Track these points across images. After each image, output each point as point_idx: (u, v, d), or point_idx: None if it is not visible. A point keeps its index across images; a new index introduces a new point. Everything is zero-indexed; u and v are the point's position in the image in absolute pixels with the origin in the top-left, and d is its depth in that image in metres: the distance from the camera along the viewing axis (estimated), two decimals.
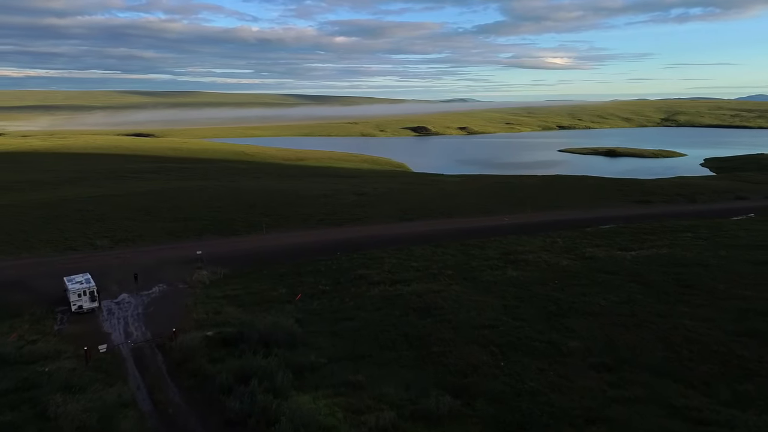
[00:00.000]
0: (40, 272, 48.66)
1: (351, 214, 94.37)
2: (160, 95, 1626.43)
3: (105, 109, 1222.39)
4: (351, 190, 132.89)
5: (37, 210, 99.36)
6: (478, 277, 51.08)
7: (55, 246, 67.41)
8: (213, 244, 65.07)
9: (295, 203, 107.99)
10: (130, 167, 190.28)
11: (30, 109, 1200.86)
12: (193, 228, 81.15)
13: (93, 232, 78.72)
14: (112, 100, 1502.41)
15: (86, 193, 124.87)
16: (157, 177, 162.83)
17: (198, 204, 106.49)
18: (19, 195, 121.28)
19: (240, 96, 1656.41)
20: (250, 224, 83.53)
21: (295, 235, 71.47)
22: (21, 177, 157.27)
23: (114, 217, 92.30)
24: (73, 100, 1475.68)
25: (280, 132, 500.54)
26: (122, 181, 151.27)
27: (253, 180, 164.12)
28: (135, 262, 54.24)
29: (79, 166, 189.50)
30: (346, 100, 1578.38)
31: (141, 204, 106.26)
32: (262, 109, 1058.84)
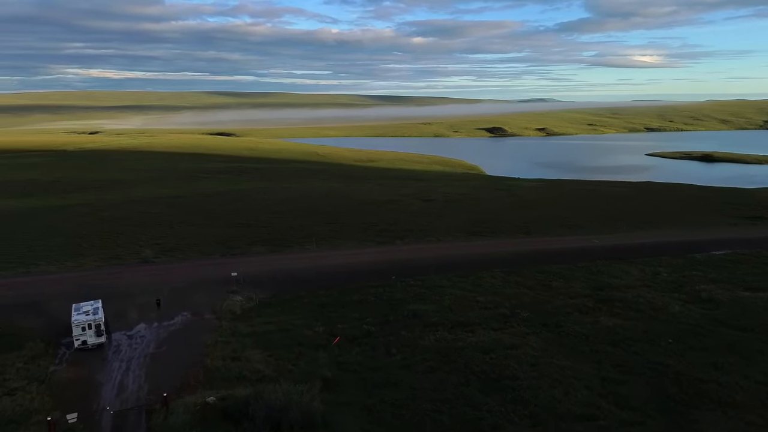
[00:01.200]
0: (66, 290, 44.16)
1: (414, 224, 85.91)
2: (243, 96, 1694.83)
3: (193, 109, 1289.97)
4: (418, 195, 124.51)
5: (105, 211, 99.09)
6: (562, 325, 40.39)
7: (103, 254, 64.10)
8: (259, 260, 58.67)
9: (358, 209, 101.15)
10: (205, 167, 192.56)
11: (126, 108, 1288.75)
12: (247, 237, 76.05)
13: (147, 238, 75.50)
14: (200, 100, 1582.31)
15: (157, 194, 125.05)
16: (228, 177, 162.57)
17: (259, 208, 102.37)
18: (95, 194, 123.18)
19: (318, 97, 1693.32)
20: (306, 234, 77.25)
21: (349, 252, 63.44)
22: (103, 175, 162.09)
23: (173, 220, 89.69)
24: (165, 100, 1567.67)
25: (353, 132, 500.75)
26: (194, 181, 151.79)
27: (321, 181, 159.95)
28: (169, 280, 48.77)
29: (159, 165, 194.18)
30: (421, 100, 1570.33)
31: (204, 207, 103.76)
32: (338, 110, 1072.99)
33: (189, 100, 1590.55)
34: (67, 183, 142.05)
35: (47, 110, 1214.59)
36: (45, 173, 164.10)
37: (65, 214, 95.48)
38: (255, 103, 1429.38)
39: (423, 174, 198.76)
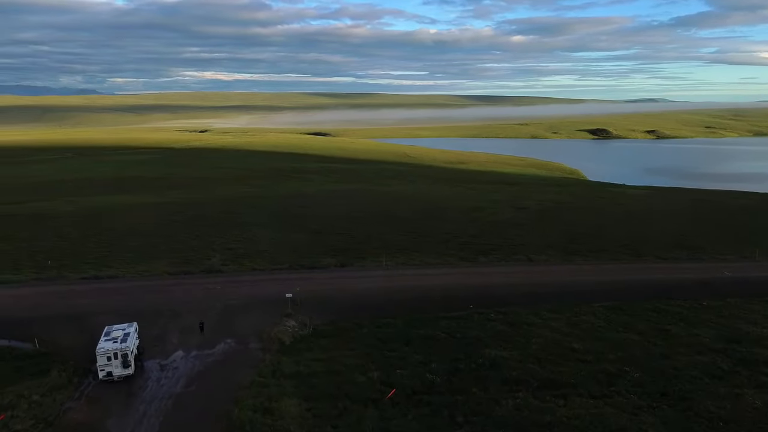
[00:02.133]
0: (119, 303, 41.28)
1: (502, 237, 77.20)
2: (341, 97, 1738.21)
3: (294, 110, 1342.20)
4: (510, 201, 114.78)
5: (192, 210, 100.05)
6: (690, 398, 30.35)
7: (174, 258, 62.42)
8: (325, 276, 53.10)
9: (441, 217, 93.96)
10: (295, 166, 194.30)
11: (234, 108, 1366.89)
12: (320, 245, 71.78)
13: (222, 241, 73.65)
14: (300, 101, 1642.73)
15: (244, 193, 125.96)
16: (316, 178, 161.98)
17: (339, 213, 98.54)
18: (187, 192, 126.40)
19: (413, 97, 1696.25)
20: (382, 245, 71.48)
21: (424, 270, 56.28)
22: (200, 173, 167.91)
23: (252, 222, 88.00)
24: (269, 101, 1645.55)
25: (446, 133, 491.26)
26: (282, 180, 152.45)
27: (407, 184, 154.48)
28: (225, 296, 44.79)
29: (253, 164, 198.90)
30: (519, 100, 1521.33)
31: (285, 209, 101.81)
32: (432, 110, 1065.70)
33: (291, 100, 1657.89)
34: (168, 180, 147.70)
35: (166, 110, 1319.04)
36: (150, 170, 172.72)
37: (155, 213, 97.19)
38: (352, 104, 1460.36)
39: (516, 177, 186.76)
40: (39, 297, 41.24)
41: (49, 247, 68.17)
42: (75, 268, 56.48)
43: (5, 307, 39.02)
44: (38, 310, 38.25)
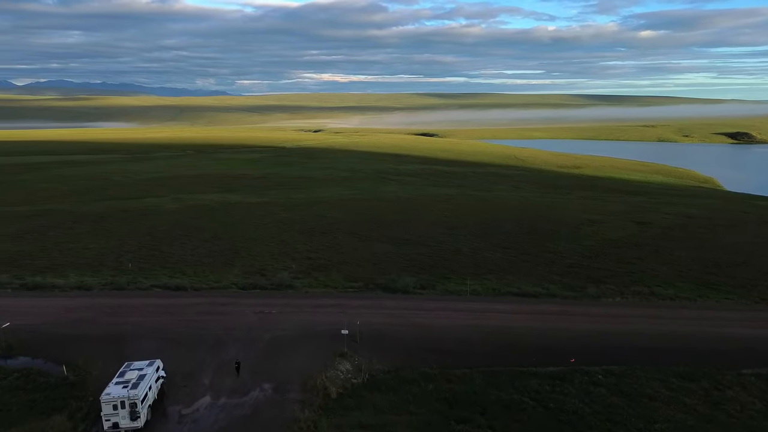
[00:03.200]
0: (166, 324, 37.58)
1: (618, 260, 65.79)
2: (453, 97, 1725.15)
3: (404, 110, 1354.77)
4: (630, 215, 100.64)
5: (286, 212, 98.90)
6: None
7: (250, 267, 59.75)
8: (396, 304, 45.94)
9: (547, 231, 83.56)
10: (397, 168, 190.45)
11: (348, 109, 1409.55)
12: (404, 258, 65.74)
13: (304, 249, 70.36)
14: (412, 101, 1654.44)
15: (340, 195, 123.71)
16: (415, 180, 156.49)
17: (433, 221, 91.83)
18: (286, 193, 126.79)
19: (527, 97, 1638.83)
20: (474, 263, 63.78)
21: (518, 305, 47.22)
22: (303, 173, 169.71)
23: (341, 228, 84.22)
24: (381, 102, 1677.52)
25: (561, 134, 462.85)
26: (381, 183, 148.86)
27: (512, 190, 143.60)
28: (278, 322, 39.38)
29: (356, 165, 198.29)
30: (644, 100, 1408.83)
31: (378, 214, 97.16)
32: (547, 110, 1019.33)
33: (402, 101, 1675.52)
34: (271, 180, 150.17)
35: (286, 110, 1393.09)
36: (256, 168, 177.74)
37: (250, 213, 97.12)
38: (463, 104, 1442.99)
39: (639, 186, 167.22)
40: (90, 310, 39.46)
41: (137, 247, 68.82)
42: (150, 273, 55.42)
43: (53, 321, 37.44)
44: (82, 327, 36.16)
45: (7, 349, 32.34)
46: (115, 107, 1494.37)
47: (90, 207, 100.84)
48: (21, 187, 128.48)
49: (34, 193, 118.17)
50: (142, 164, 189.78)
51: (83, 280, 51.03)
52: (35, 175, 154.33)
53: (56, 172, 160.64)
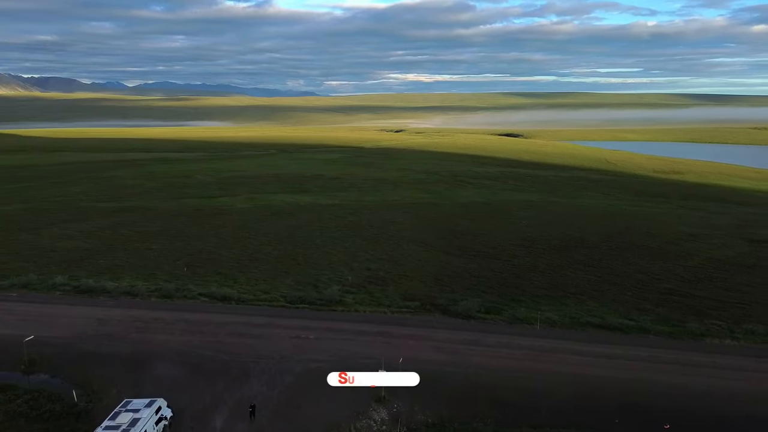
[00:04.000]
0: (190, 346, 34.34)
1: (726, 287, 55.88)
2: (540, 96, 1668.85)
3: (488, 110, 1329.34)
4: (739, 229, 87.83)
5: (353, 215, 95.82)
6: None
7: (302, 277, 56.47)
8: (450, 336, 39.97)
9: (639, 247, 73.92)
10: (475, 170, 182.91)
11: (431, 109, 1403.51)
12: (470, 274, 59.89)
13: (363, 258, 66.33)
14: (496, 101, 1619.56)
15: (413, 198, 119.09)
16: (494, 185, 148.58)
17: (509, 231, 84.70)
18: (358, 194, 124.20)
19: (622, 96, 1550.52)
20: (551, 284, 56.76)
21: (599, 347, 39.00)
22: (377, 174, 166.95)
23: (407, 236, 79.51)
24: (465, 101, 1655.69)
25: (659, 136, 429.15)
26: (457, 186, 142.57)
27: (601, 197, 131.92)
28: (312, 350, 34.46)
29: (433, 166, 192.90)
30: (756, 99, 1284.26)
31: (450, 221, 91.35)
32: (644, 110, 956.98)
33: (487, 101, 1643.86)
34: (344, 181, 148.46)
35: (370, 110, 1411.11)
36: (332, 169, 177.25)
37: (317, 215, 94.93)
38: (551, 104, 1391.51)
39: (751, 195, 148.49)
40: (122, 323, 37.45)
41: (199, 249, 67.94)
42: (202, 279, 53.61)
43: (81, 334, 35.65)
44: (109, 344, 33.96)
45: (30, 363, 30.68)
46: (212, 107, 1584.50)
47: (166, 205, 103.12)
48: (111, 183, 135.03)
49: (121, 190, 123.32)
50: (225, 163, 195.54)
51: (134, 284, 49.93)
52: (127, 171, 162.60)
53: (147, 169, 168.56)
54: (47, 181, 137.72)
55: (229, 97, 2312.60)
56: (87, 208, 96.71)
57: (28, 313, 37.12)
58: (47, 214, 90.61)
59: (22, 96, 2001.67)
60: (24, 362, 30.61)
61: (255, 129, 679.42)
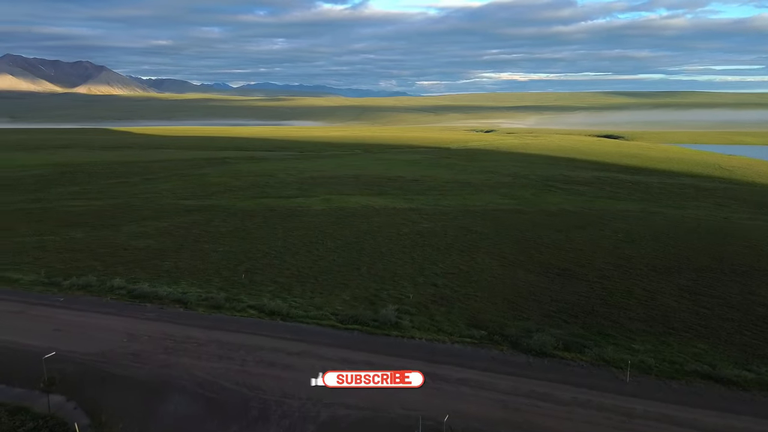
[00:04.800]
0: (214, 376, 31.05)
1: None
2: (645, 96, 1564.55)
3: (587, 110, 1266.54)
4: None
5: (428, 221, 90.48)
6: None
7: (360, 292, 52.17)
8: (517, 382, 32.79)
9: (761, 273, 62.19)
10: (566, 174, 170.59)
11: (524, 109, 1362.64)
12: (551, 298, 52.62)
13: (434, 270, 61.12)
14: (596, 101, 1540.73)
15: (496, 203, 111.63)
16: (588, 191, 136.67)
17: (603, 245, 75.46)
18: (436, 198, 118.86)
19: (739, 96, 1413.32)
20: (646, 314, 48.31)
21: (709, 411, 30.24)
22: (460, 176, 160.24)
23: (482, 246, 73.05)
24: (561, 101, 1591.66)
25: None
26: (544, 191, 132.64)
27: (712, 208, 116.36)
28: (344, 393, 28.86)
29: (520, 169, 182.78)
30: None
31: (533, 231, 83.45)
32: (765, 112, 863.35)
33: (585, 100, 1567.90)
34: (424, 183, 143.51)
35: (460, 110, 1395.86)
36: (413, 170, 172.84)
37: (391, 221, 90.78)
38: (657, 104, 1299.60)
39: None
40: (153, 340, 34.79)
41: (263, 254, 65.90)
42: (257, 289, 50.85)
43: (108, 351, 33.15)
44: (132, 364, 31.09)
45: (49, 383, 28.70)
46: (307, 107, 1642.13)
47: (244, 204, 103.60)
48: (198, 181, 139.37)
49: (206, 188, 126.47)
50: (309, 162, 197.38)
51: (188, 291, 48.08)
52: (216, 169, 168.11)
53: (234, 168, 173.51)
54: (140, 177, 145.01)
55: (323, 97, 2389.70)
56: (168, 206, 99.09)
57: (65, 322, 35.74)
58: (131, 210, 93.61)
59: (139, 96, 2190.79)
60: (43, 380, 28.66)
61: (344, 129, 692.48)
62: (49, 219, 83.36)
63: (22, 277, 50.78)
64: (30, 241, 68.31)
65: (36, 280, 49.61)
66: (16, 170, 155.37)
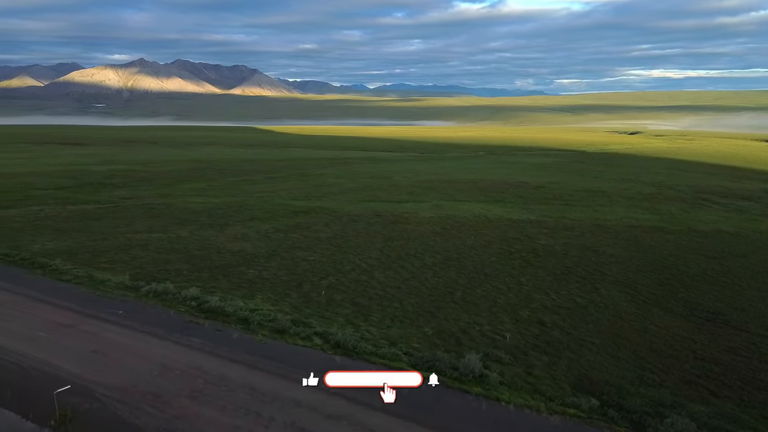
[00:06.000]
0: (241, 430, 26.03)
1: None
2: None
3: (755, 111, 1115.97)
4: None
5: (546, 237, 79.53)
6: None
7: (446, 327, 44.62)
8: None
9: None
10: (725, 186, 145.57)
11: (678, 109, 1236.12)
12: (693, 350, 40.74)
13: (540, 304, 51.66)
14: (766, 100, 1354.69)
15: (630, 220, 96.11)
16: (751, 207, 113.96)
17: (766, 281, 59.64)
18: (559, 209, 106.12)
19: None
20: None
21: None
22: (592, 184, 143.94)
23: (611, 273, 61.33)
24: (722, 100, 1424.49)
25: None
26: (695, 206, 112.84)
27: None
28: None
29: (667, 178, 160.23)
30: None
31: (674, 256, 68.89)
32: None
33: (754, 99, 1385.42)
34: (549, 191, 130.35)
35: (603, 110, 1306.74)
36: (539, 175, 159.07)
37: (502, 235, 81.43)
38: None
39: None
40: (183, 377, 30.09)
41: (352, 267, 60.85)
42: (330, 312, 45.52)
43: (132, 387, 28.71)
44: (146, 409, 26.32)
45: (60, 419, 25.54)
46: (439, 107, 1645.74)
47: (351, 208, 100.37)
48: (315, 181, 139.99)
49: (320, 188, 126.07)
50: (428, 164, 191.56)
51: (258, 309, 44.10)
52: (335, 169, 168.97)
53: (352, 168, 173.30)
54: (264, 175, 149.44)
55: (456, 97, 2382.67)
56: (279, 207, 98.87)
57: (108, 343, 33.00)
58: (243, 210, 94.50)
59: (285, 97, 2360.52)
60: (54, 417, 25.57)
61: (473, 129, 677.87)
62: (166, 215, 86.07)
63: (110, 279, 50.24)
64: (138, 238, 69.77)
65: (120, 283, 48.72)
66: (160, 165, 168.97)
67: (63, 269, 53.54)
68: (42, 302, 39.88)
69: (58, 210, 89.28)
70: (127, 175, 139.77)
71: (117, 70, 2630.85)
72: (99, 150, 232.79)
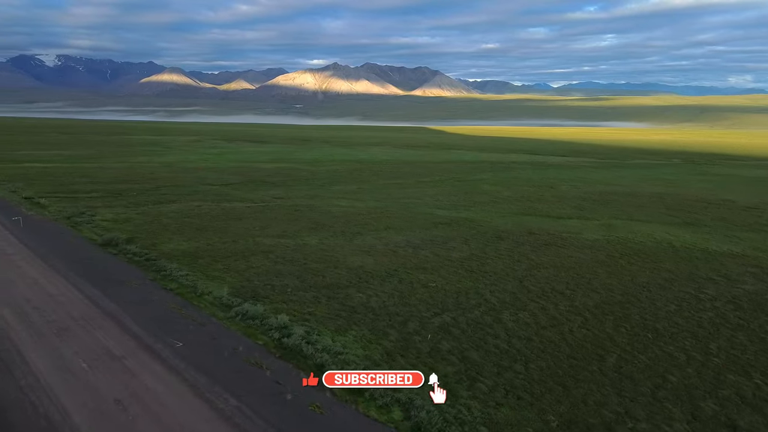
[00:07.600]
0: None
1: None
2: None
3: None
4: None
5: (751, 279, 59.47)
6: None
7: (577, 418, 32.21)
8: None
9: None
10: None
11: None
12: None
13: (729, 394, 35.88)
14: None
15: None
16: None
17: None
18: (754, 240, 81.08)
19: None
20: None
21: None
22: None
23: None
24: None
25: None
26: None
27: None
28: None
29: None
30: None
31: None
32: None
33: None
34: (764, 213, 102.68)
35: None
36: (752, 192, 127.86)
37: (690, 272, 63.17)
38: None
39: None
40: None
41: (481, 302, 50.18)
42: (422, 368, 36.01)
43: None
44: None
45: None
46: (632, 107, 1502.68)
47: (500, 221, 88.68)
48: (469, 187, 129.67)
49: (471, 196, 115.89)
50: (606, 172, 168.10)
51: (344, 351, 36.43)
52: (495, 175, 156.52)
53: (513, 174, 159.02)
54: (416, 179, 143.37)
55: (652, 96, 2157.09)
56: (420, 216, 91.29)
57: (138, 391, 27.66)
58: (382, 217, 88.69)
59: (463, 97, 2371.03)
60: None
61: (671, 132, 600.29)
62: (304, 219, 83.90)
63: (212, 291, 46.96)
64: (266, 243, 67.42)
65: (216, 299, 45.01)
66: (322, 165, 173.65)
67: (175, 275, 52.14)
68: (113, 320, 37.07)
69: (212, 207, 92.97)
70: (288, 174, 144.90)
71: (314, 73, 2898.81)
72: (276, 148, 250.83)
